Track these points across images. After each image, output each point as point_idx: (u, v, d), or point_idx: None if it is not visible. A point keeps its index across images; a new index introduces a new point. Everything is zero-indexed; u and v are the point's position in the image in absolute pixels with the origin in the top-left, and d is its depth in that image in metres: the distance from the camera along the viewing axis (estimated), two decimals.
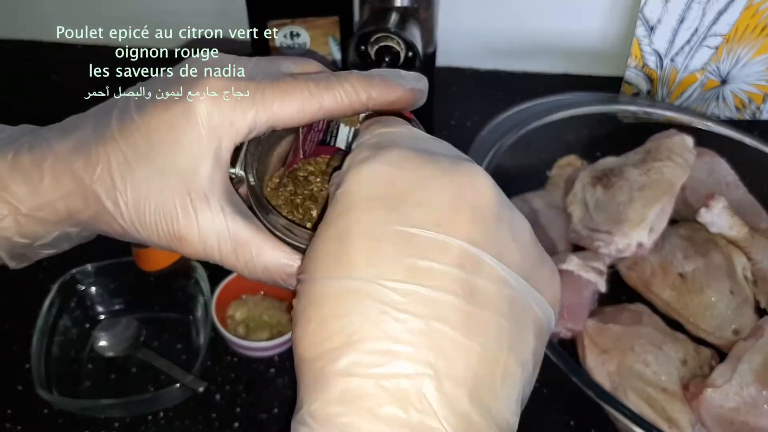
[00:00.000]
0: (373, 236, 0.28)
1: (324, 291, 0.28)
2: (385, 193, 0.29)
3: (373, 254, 0.27)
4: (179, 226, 0.34)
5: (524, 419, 0.67)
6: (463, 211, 0.28)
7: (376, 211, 0.28)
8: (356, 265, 0.27)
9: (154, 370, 0.66)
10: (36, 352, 0.63)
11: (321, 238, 0.29)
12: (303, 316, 0.28)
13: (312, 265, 0.29)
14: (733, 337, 0.65)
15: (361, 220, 0.28)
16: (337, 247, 0.28)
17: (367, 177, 0.29)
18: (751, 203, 0.76)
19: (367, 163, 0.30)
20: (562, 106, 0.77)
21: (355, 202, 0.29)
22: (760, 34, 0.85)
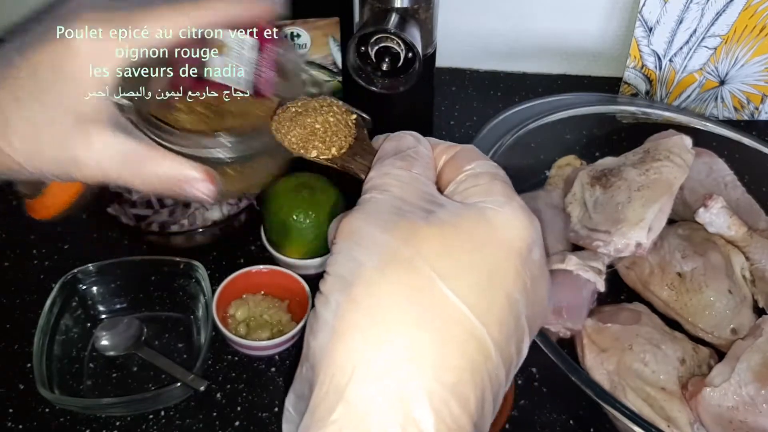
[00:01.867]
0: (510, 303, 0.30)
1: (449, 313, 0.28)
2: (524, 258, 0.30)
3: (503, 321, 0.29)
4: (75, 153, 0.36)
5: (524, 418, 0.68)
6: (538, 324, 0.32)
7: (519, 278, 0.30)
8: (491, 321, 0.29)
9: (155, 369, 0.66)
10: (37, 352, 0.62)
11: (464, 242, 0.30)
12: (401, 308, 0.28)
13: (446, 262, 0.29)
14: (731, 337, 0.65)
15: (508, 278, 0.30)
16: (485, 284, 0.29)
17: (524, 231, 0.31)
18: (749, 203, 0.76)
19: (527, 218, 0.31)
20: (561, 107, 0.77)
21: (510, 248, 0.30)
22: (758, 34, 0.85)
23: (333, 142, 0.37)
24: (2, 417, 0.63)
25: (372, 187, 0.32)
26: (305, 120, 0.37)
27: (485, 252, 0.29)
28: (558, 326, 0.65)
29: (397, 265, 0.28)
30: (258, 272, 0.70)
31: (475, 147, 0.35)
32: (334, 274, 0.30)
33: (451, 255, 0.29)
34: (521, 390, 0.65)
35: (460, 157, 0.35)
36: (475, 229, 0.30)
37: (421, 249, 0.29)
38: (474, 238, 0.30)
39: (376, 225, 0.30)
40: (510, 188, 0.32)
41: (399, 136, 0.36)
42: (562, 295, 0.65)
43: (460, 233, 0.29)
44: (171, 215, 0.75)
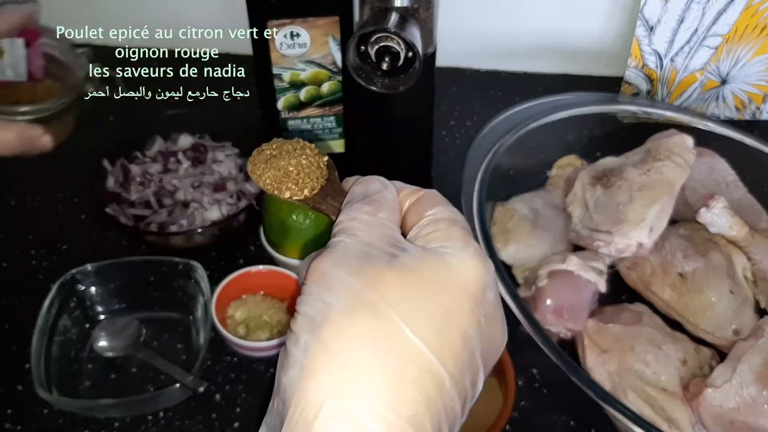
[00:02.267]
0: (464, 341, 0.32)
1: (408, 350, 0.30)
2: (478, 300, 0.33)
3: (458, 356, 0.32)
4: None
5: (524, 419, 0.68)
6: (491, 362, 0.34)
7: (474, 317, 0.33)
8: (446, 355, 0.31)
9: (154, 370, 0.66)
10: (36, 352, 0.62)
11: (423, 284, 0.32)
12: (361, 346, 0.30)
13: (406, 305, 0.31)
14: (733, 337, 0.65)
15: (463, 318, 0.32)
16: (441, 323, 0.31)
17: (479, 275, 0.33)
18: (751, 203, 0.76)
19: (482, 262, 0.34)
20: (562, 106, 0.77)
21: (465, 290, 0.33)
22: (759, 34, 0.85)
23: (305, 184, 0.40)
24: (1, 418, 0.63)
25: (341, 230, 0.35)
26: (279, 162, 0.40)
27: (443, 294, 0.32)
28: (559, 327, 0.64)
29: (362, 309, 0.31)
30: (257, 273, 0.69)
31: (437, 192, 0.38)
32: (304, 314, 0.32)
33: (412, 298, 0.31)
34: (522, 391, 0.65)
35: (423, 201, 0.37)
36: (434, 274, 0.32)
37: (385, 293, 0.31)
38: (433, 282, 0.32)
39: (344, 269, 0.32)
40: (467, 233, 0.35)
41: (367, 180, 0.38)
42: (563, 296, 0.65)
43: (421, 277, 0.32)
44: (170, 215, 0.74)
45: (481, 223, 0.64)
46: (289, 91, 0.74)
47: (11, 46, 0.62)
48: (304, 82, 0.74)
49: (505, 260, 0.72)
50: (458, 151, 0.88)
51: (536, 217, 0.74)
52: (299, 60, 0.72)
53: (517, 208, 0.74)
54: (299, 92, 0.75)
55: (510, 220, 0.73)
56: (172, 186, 0.77)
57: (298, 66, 0.72)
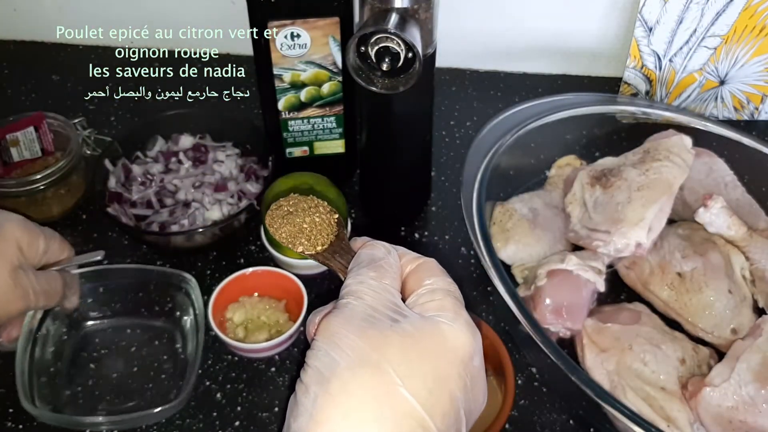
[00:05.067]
0: (452, 402, 0.36)
1: (402, 408, 0.34)
2: (466, 365, 0.37)
3: (446, 415, 0.36)
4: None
5: (523, 418, 0.68)
6: (472, 420, 0.39)
7: (461, 381, 0.37)
8: (436, 413, 0.35)
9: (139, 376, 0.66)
10: (20, 362, 0.62)
11: (420, 350, 0.36)
12: (357, 401, 0.34)
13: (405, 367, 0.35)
14: (731, 337, 0.65)
15: (453, 382, 0.37)
16: (433, 385, 0.36)
17: (468, 343, 0.38)
18: (749, 203, 0.76)
19: (471, 332, 0.39)
20: (561, 107, 0.77)
21: (456, 358, 0.37)
22: (758, 34, 0.85)
23: (317, 240, 0.44)
24: (2, 417, 0.63)
25: (349, 292, 0.39)
26: (295, 219, 0.44)
27: (437, 359, 0.36)
28: (558, 326, 0.65)
29: (366, 367, 0.35)
30: (253, 274, 0.70)
31: (435, 261, 0.42)
32: (313, 367, 0.36)
33: (410, 361, 0.35)
34: (521, 390, 0.65)
35: (422, 270, 0.41)
36: (430, 340, 0.37)
37: (386, 354, 0.35)
38: (429, 347, 0.36)
39: (351, 329, 0.36)
40: (459, 304, 0.39)
41: (373, 245, 0.42)
42: (562, 295, 0.65)
43: (418, 342, 0.36)
44: (171, 215, 0.75)
45: (481, 223, 0.64)
46: (289, 91, 0.74)
47: (24, 135, 0.78)
48: (305, 82, 0.74)
49: (505, 260, 0.72)
50: (458, 151, 0.89)
51: (535, 216, 0.74)
52: (300, 60, 0.72)
53: (517, 208, 0.75)
54: (300, 93, 0.75)
55: (509, 220, 0.74)
56: (173, 186, 0.78)
57: (298, 66, 0.73)
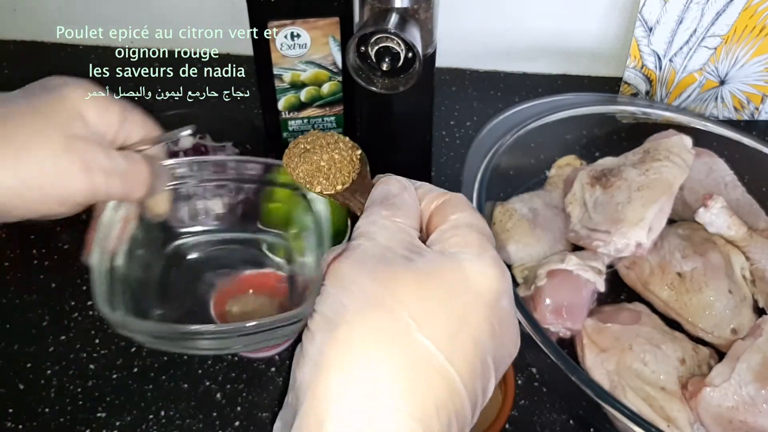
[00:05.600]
0: (477, 347, 0.32)
1: (421, 355, 0.31)
2: (493, 308, 0.33)
3: (468, 362, 0.32)
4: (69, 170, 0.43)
5: (523, 418, 0.68)
6: (503, 367, 0.35)
7: (486, 324, 0.33)
8: (457, 359, 0.31)
9: None
10: (97, 261, 0.52)
11: (439, 291, 0.33)
12: (375, 348, 0.31)
13: (421, 310, 0.32)
14: (731, 337, 0.65)
15: (477, 325, 0.33)
16: (454, 329, 0.32)
17: (495, 283, 0.34)
18: (749, 203, 0.76)
19: (498, 270, 0.35)
20: (561, 107, 0.77)
21: (479, 298, 0.33)
22: (758, 34, 0.85)
23: (337, 179, 0.41)
24: (2, 417, 0.63)
25: (360, 234, 0.36)
26: (312, 157, 0.41)
27: (457, 300, 0.32)
28: (558, 326, 0.65)
29: (377, 311, 0.31)
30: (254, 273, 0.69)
31: (463, 197, 0.39)
32: (321, 313, 0.33)
33: (427, 302, 0.32)
34: (521, 390, 0.65)
35: (449, 205, 0.38)
36: (449, 279, 0.33)
37: (400, 296, 0.32)
38: (448, 287, 0.33)
39: (361, 271, 0.33)
40: (487, 240, 0.36)
41: (388, 181, 0.39)
42: (562, 295, 0.65)
43: (436, 282, 0.33)
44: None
45: None
46: (289, 91, 0.75)
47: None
48: (305, 82, 0.74)
49: (505, 260, 0.72)
50: (458, 151, 0.89)
51: (535, 216, 0.74)
52: (299, 60, 0.72)
53: (517, 208, 0.75)
54: (300, 93, 0.75)
55: (509, 220, 0.73)
56: None
57: (298, 66, 0.73)
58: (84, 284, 0.72)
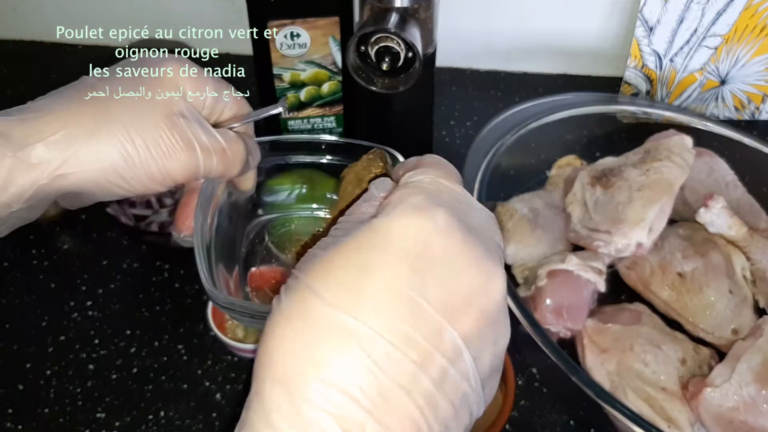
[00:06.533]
0: (391, 291, 0.29)
1: (324, 318, 0.29)
2: (419, 254, 0.30)
3: (381, 308, 0.29)
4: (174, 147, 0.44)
5: (524, 418, 0.68)
6: (472, 308, 0.30)
7: (404, 267, 0.30)
8: (363, 310, 0.29)
9: None
10: (199, 234, 0.50)
11: (343, 254, 0.30)
12: (291, 326, 0.30)
13: (322, 277, 0.30)
14: (732, 337, 0.65)
15: (388, 269, 0.29)
16: (355, 280, 0.29)
17: (412, 228, 0.30)
18: (750, 203, 0.76)
19: (417, 214, 0.31)
20: (562, 107, 0.77)
21: (391, 245, 0.30)
22: (759, 34, 0.85)
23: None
24: (2, 417, 0.63)
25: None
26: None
27: (361, 255, 0.30)
28: (558, 326, 0.65)
29: (294, 294, 0.30)
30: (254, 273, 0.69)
31: (437, 157, 0.37)
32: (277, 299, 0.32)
33: (330, 271, 0.30)
34: (522, 390, 0.65)
35: (402, 168, 0.37)
36: (360, 245, 0.30)
37: (311, 276, 0.30)
38: (359, 254, 0.30)
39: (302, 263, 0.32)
40: (414, 192, 0.32)
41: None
42: (563, 296, 0.65)
43: (345, 253, 0.30)
44: (170, 215, 0.74)
45: None
46: (289, 91, 0.74)
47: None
48: (305, 82, 0.74)
49: (505, 260, 0.72)
50: (458, 151, 0.89)
51: (536, 216, 0.74)
52: (299, 60, 0.72)
53: (517, 208, 0.74)
54: (299, 92, 0.75)
55: (510, 220, 0.73)
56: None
57: (298, 66, 0.72)
58: (83, 284, 0.72)
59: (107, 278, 0.73)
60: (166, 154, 0.43)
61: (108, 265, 0.74)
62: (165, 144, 0.43)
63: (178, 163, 0.43)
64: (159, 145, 0.43)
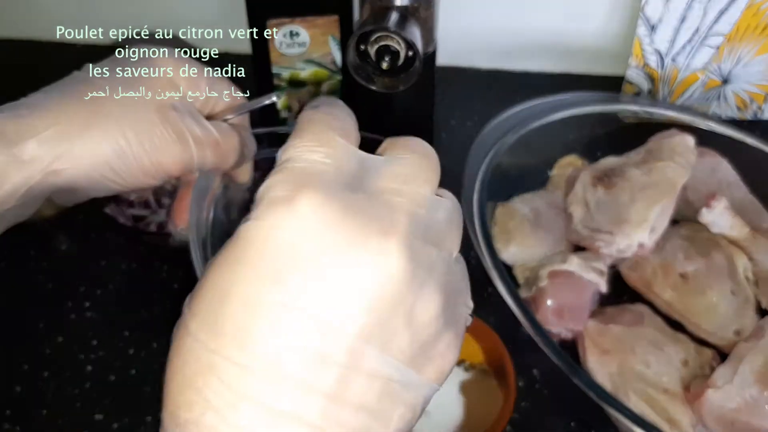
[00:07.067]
0: (250, 309, 0.25)
1: (192, 355, 0.26)
2: (284, 256, 0.25)
3: (242, 333, 0.25)
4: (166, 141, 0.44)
5: (525, 420, 0.67)
6: (360, 298, 0.25)
7: (266, 278, 0.25)
8: (224, 341, 0.25)
9: None
10: (194, 226, 0.50)
11: (210, 277, 0.27)
12: (170, 368, 0.27)
13: (193, 307, 0.27)
14: (734, 338, 0.65)
15: (247, 285, 0.25)
16: (217, 305, 0.26)
17: (272, 229, 0.26)
18: (752, 203, 0.75)
19: (276, 210, 0.26)
20: (563, 106, 0.77)
21: (249, 255, 0.26)
22: (761, 33, 0.85)
23: None
24: (0, 419, 0.63)
25: None
26: None
27: (231, 281, 0.26)
28: (560, 327, 0.64)
29: (176, 328, 0.28)
30: None
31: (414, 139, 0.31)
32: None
33: (199, 305, 0.26)
34: (522, 392, 0.65)
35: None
36: (223, 261, 0.27)
37: (187, 306, 0.27)
38: (220, 273, 0.26)
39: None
40: (277, 180, 0.27)
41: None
42: (564, 297, 0.64)
43: (210, 275, 0.27)
44: (169, 215, 0.74)
45: (482, 224, 0.64)
46: (289, 90, 0.74)
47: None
48: (304, 81, 0.74)
49: (506, 260, 0.72)
50: (458, 151, 0.88)
51: (537, 217, 0.74)
52: (299, 59, 0.72)
53: (518, 208, 0.74)
54: (299, 92, 0.74)
55: (511, 221, 0.73)
56: (171, 186, 0.77)
57: (297, 65, 0.72)
58: (81, 285, 0.72)
59: (105, 279, 0.73)
60: (158, 148, 0.42)
61: (106, 265, 0.74)
62: (157, 137, 0.42)
63: (170, 156, 0.43)
64: (151, 139, 0.42)
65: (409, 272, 0.26)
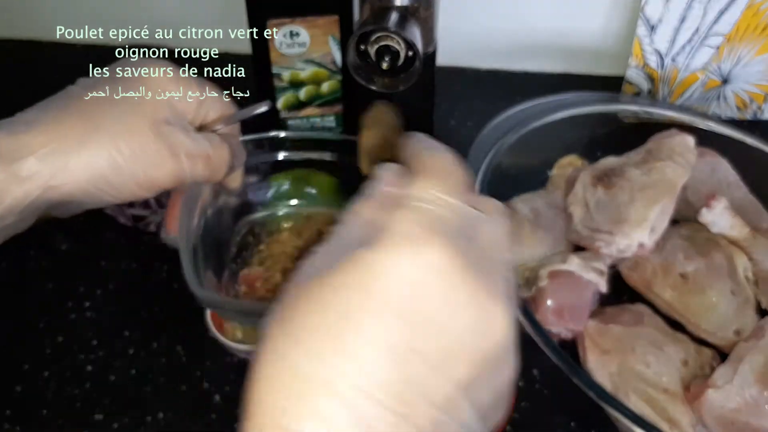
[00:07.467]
0: (375, 343, 0.26)
1: (306, 371, 0.27)
2: (406, 297, 0.27)
3: (366, 362, 0.26)
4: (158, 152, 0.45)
5: (525, 420, 0.67)
6: (470, 353, 0.28)
7: (390, 314, 0.26)
8: (347, 365, 0.26)
9: None
10: (184, 235, 0.51)
11: (323, 293, 0.27)
12: (273, 374, 0.28)
13: (301, 320, 0.27)
14: (734, 338, 0.65)
15: (372, 317, 0.26)
16: (336, 329, 0.26)
17: (401, 266, 0.27)
18: (752, 203, 0.75)
19: (408, 249, 0.27)
20: (563, 106, 0.77)
21: (374, 287, 0.27)
22: (761, 33, 0.85)
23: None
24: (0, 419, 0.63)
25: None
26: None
27: (352, 307, 0.27)
28: (560, 327, 0.64)
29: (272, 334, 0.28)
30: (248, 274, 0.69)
31: (449, 156, 0.35)
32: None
33: (312, 321, 0.27)
34: (522, 392, 0.65)
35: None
36: (341, 283, 0.27)
37: (288, 315, 0.28)
38: (338, 295, 0.27)
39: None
40: (409, 217, 0.29)
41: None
42: (564, 296, 0.64)
43: (324, 293, 0.27)
44: (161, 222, 0.74)
45: None
46: (288, 90, 0.74)
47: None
48: (304, 81, 0.74)
49: None
50: (458, 151, 0.88)
51: (537, 217, 0.74)
52: (299, 59, 0.72)
53: (518, 208, 0.74)
54: (299, 92, 0.74)
55: (511, 221, 0.73)
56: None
57: (297, 65, 0.72)
58: (81, 285, 0.72)
59: (105, 279, 0.73)
60: (152, 162, 0.44)
61: (106, 265, 0.74)
62: (151, 152, 0.44)
63: (163, 170, 0.44)
64: (145, 153, 0.44)
65: (508, 338, 0.29)
